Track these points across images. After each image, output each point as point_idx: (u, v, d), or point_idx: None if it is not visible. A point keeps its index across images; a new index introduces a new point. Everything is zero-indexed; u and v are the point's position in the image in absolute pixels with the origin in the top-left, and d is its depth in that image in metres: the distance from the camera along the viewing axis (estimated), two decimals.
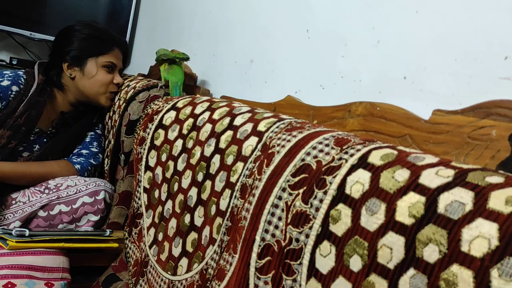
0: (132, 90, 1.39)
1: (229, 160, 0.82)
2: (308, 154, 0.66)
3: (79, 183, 1.26)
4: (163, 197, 0.96)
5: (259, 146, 0.78)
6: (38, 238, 0.98)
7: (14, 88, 1.32)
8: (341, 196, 0.57)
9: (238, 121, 0.86)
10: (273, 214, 0.65)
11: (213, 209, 0.82)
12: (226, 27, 1.40)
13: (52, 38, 1.75)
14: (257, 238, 0.66)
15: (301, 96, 1.04)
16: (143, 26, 2.02)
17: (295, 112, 0.98)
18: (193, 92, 1.40)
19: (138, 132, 1.10)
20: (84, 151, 1.42)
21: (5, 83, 1.31)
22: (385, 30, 0.86)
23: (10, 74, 1.34)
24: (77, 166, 1.37)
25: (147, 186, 1.02)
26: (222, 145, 0.85)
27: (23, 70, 1.40)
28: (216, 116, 0.92)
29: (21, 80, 1.34)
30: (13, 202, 1.24)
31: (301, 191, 0.63)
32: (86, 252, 1.09)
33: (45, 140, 1.40)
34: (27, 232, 0.98)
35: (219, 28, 1.44)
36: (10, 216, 1.22)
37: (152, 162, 1.02)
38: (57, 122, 1.42)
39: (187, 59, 1.43)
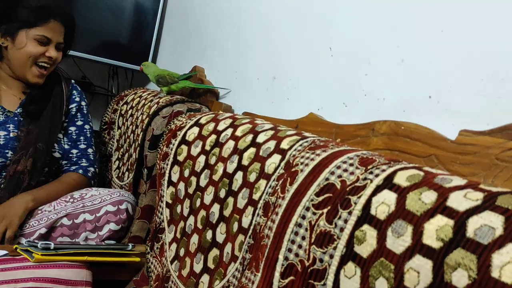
0: (156, 105, 1.41)
1: (252, 177, 0.82)
2: (332, 173, 0.66)
3: (103, 193, 1.29)
4: (185, 213, 0.97)
5: (282, 164, 0.78)
6: (63, 252, 0.99)
7: None
8: (366, 216, 0.57)
9: (261, 138, 0.86)
10: (296, 233, 0.65)
11: (235, 226, 0.82)
12: (248, 44, 1.41)
13: (78, 54, 1.80)
14: (280, 257, 0.66)
15: (324, 113, 1.04)
16: (166, 42, 2.06)
17: (318, 130, 0.98)
18: (215, 108, 1.42)
19: (161, 147, 1.11)
20: (75, 151, 1.45)
21: None
22: (409, 48, 0.86)
23: None
24: (89, 174, 1.44)
25: (170, 201, 1.03)
26: (245, 162, 0.85)
27: None
28: (239, 133, 0.92)
29: None
30: (39, 211, 1.27)
31: (325, 210, 0.62)
32: (108, 266, 1.10)
33: (20, 119, 1.37)
34: (52, 245, 0.99)
35: (241, 45, 1.45)
36: (35, 223, 1.24)
37: (175, 178, 1.03)
38: (23, 100, 1.40)
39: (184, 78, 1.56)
